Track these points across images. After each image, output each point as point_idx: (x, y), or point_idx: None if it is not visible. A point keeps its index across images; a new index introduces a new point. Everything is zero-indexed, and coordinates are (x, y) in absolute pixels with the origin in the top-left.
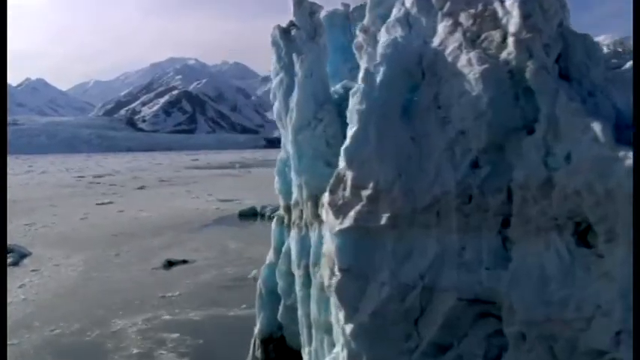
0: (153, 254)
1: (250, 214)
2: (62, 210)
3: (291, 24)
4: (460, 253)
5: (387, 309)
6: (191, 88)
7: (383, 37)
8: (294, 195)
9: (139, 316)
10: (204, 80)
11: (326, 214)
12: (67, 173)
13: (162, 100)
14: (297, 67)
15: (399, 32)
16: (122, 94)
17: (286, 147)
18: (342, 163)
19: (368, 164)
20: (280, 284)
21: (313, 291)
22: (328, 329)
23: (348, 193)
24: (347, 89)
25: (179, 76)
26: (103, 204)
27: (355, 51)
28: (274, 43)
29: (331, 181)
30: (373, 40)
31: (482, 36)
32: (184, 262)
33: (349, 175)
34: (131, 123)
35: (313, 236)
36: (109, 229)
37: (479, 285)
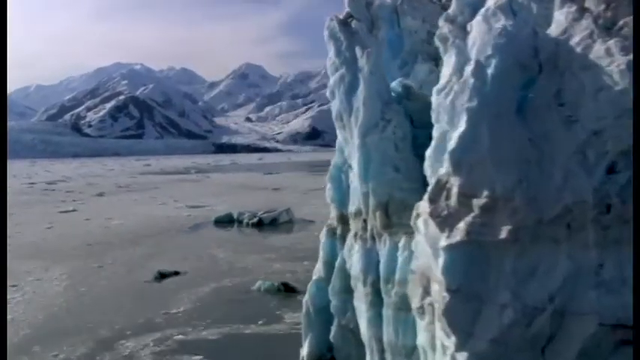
0: (138, 265)
1: (226, 221)
2: (23, 219)
3: (349, 16)
4: (597, 271)
5: (510, 335)
6: (138, 93)
7: (478, 27)
8: (355, 204)
9: (148, 337)
10: (150, 85)
11: (424, 225)
12: (15, 180)
13: (108, 105)
14: (361, 62)
15: (502, 21)
16: (66, 98)
17: (344, 151)
18: (444, 168)
19: (480, 169)
20: (334, 302)
21: (387, 311)
22: (408, 354)
23: (454, 202)
24: (406, 87)
25: (125, 81)
26: (66, 212)
27: (439, 44)
28: (332, 36)
29: (430, 188)
30: (462, 32)
31: (621, 22)
32: (176, 273)
33: (455, 182)
34: (76, 128)
35: (383, 249)
36: (82, 238)
37: (622, 308)
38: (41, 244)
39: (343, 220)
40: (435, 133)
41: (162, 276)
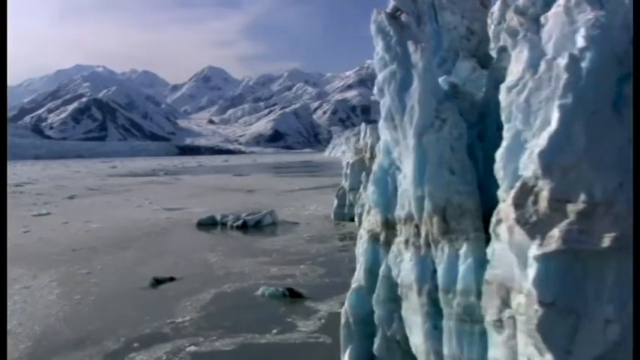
0: (129, 271)
1: (209, 223)
2: None
3: (396, 9)
4: None
5: (616, 353)
6: (100, 95)
7: (557, 19)
8: (405, 208)
9: (159, 349)
10: (113, 88)
11: (508, 232)
12: None
13: (70, 107)
14: (414, 57)
15: (588, 12)
16: (26, 100)
17: (392, 152)
18: (529, 170)
19: (575, 172)
20: (378, 312)
21: (448, 323)
22: None
23: (544, 207)
24: (453, 86)
25: (87, 84)
26: (40, 215)
27: (507, 37)
28: (380, 31)
29: (513, 192)
30: (535, 25)
31: None
32: (172, 279)
33: (545, 186)
34: (37, 130)
35: (441, 257)
36: (65, 243)
37: None
38: (22, 250)
39: (388, 225)
40: (507, 133)
41: (157, 282)
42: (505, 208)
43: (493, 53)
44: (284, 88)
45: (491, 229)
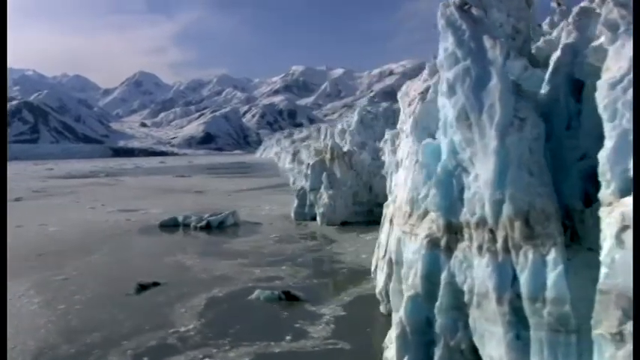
0: (107, 276)
1: (172, 225)
2: None
3: (464, 2)
4: None
5: None
6: (31, 98)
7: None
8: (477, 212)
9: None
10: (45, 91)
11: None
12: None
13: None
14: (491, 53)
15: None
16: None
17: (459, 153)
18: None
19: None
20: (441, 321)
21: (538, 333)
22: None
23: None
24: (515, 84)
25: (17, 87)
26: None
27: (605, 31)
28: (450, 24)
29: None
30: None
31: None
32: (156, 284)
33: None
34: None
35: (524, 263)
36: (27, 248)
37: None
38: None
39: (450, 230)
40: (612, 132)
41: (142, 287)
42: (628, 212)
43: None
44: (214, 93)
45: (611, 235)
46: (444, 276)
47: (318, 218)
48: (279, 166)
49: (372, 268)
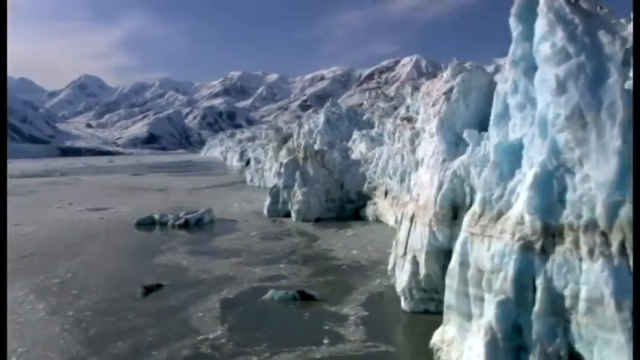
0: (105, 278)
1: (148, 223)
2: None
3: None
4: None
5: None
6: None
7: None
8: (584, 214)
9: None
10: None
11: None
12: None
13: None
14: (610, 49)
15: None
16: None
17: (566, 153)
18: None
19: None
20: (537, 327)
21: None
22: None
23: None
24: None
25: None
26: None
27: None
28: (560, 19)
29: None
30: None
31: None
32: (160, 286)
33: None
34: None
35: None
36: (8, 249)
37: None
38: None
39: (547, 232)
40: None
41: (147, 290)
42: None
43: None
44: (156, 96)
45: None
46: (540, 281)
47: (292, 215)
48: (226, 165)
49: (390, 266)
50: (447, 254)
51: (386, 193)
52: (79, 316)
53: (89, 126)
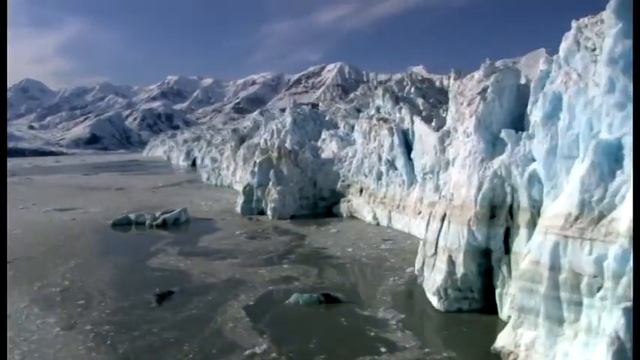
0: (108, 286)
1: (125, 223)
2: None
3: None
4: None
5: None
6: None
7: None
8: None
9: None
10: None
11: None
12: None
13: None
14: None
15: None
16: None
17: None
18: None
19: None
20: None
21: None
22: None
23: None
24: None
25: None
26: None
27: None
28: None
29: None
30: None
31: None
32: (171, 293)
33: None
34: None
35: None
36: None
37: None
38: None
39: None
40: None
41: (160, 297)
42: None
43: None
44: (97, 99)
45: None
46: None
47: (268, 213)
48: (172, 164)
49: (418, 266)
50: (483, 253)
51: (361, 191)
52: (100, 331)
53: (31, 127)
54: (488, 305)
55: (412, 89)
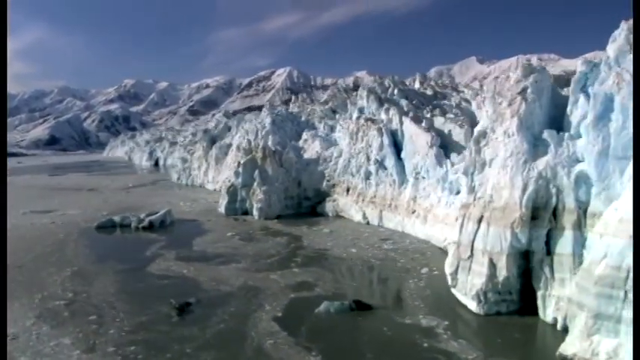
0: (116, 296)
1: (110, 226)
2: None
3: None
4: None
5: None
6: None
7: None
8: None
9: None
10: None
11: None
12: None
13: None
14: None
15: None
16: None
17: None
18: None
19: None
20: None
21: None
22: None
23: None
24: None
25: None
26: None
27: None
28: None
29: None
30: None
31: None
32: (188, 304)
33: None
34: None
35: None
36: None
37: None
38: None
39: None
40: None
41: (180, 310)
42: None
43: None
44: (55, 102)
45: None
46: None
47: (255, 213)
48: (134, 164)
49: (451, 270)
50: (522, 255)
51: (348, 190)
52: (126, 354)
53: None
54: (523, 306)
55: (395, 91)
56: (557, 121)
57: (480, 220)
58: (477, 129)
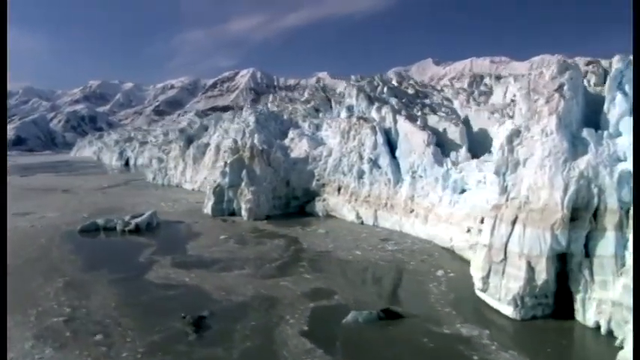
0: (119, 311)
1: (93, 229)
2: None
3: None
4: None
5: None
6: None
7: None
8: None
9: None
10: None
11: None
12: None
13: None
14: None
15: None
16: None
17: None
18: None
19: None
20: None
21: None
22: None
23: None
24: None
25: None
26: None
27: None
28: None
29: None
30: None
31: None
32: (202, 318)
33: None
34: None
35: None
36: None
37: None
38: None
39: None
40: None
41: (195, 325)
42: None
43: None
44: (21, 102)
45: None
46: None
47: (243, 213)
48: (104, 164)
49: (483, 274)
50: (559, 257)
51: (339, 189)
52: None
53: None
54: (557, 310)
55: (385, 89)
56: (590, 119)
57: (514, 222)
58: (507, 127)
